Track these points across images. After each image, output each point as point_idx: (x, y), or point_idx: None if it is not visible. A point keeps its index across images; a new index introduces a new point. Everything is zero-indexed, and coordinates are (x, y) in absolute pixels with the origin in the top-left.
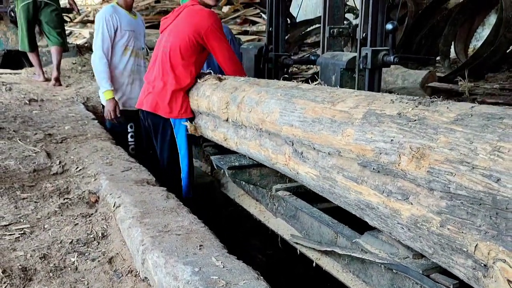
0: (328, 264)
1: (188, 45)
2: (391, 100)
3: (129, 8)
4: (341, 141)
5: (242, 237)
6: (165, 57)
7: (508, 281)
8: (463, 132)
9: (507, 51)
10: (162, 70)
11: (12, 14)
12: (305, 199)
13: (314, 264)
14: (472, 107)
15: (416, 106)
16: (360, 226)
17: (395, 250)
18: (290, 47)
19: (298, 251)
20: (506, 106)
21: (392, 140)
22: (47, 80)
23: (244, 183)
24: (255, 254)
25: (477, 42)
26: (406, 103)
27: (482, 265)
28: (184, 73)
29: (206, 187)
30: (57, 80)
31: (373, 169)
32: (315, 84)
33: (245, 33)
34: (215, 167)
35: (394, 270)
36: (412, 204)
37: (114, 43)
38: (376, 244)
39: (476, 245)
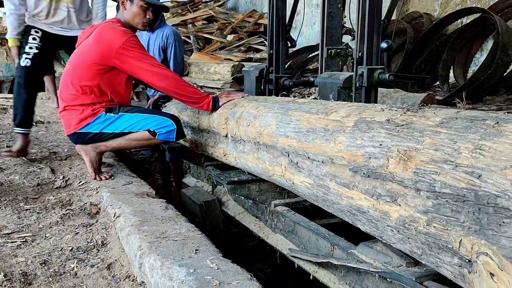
0: (325, 277)
1: (93, 63)
2: (381, 108)
3: None
4: (333, 149)
5: (244, 255)
6: (70, 73)
7: (491, 274)
8: (447, 133)
9: (504, 74)
10: (67, 86)
11: None
12: (303, 215)
13: (311, 277)
14: (458, 111)
15: (405, 113)
16: (356, 238)
17: (389, 259)
18: (293, 73)
19: (296, 264)
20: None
21: (380, 145)
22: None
23: (244, 200)
24: (255, 272)
25: (475, 67)
26: (395, 110)
27: (467, 260)
28: (87, 90)
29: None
30: None
31: (364, 173)
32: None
33: (249, 60)
34: (215, 183)
35: (388, 279)
36: (400, 205)
37: None
38: (370, 254)
39: (461, 241)
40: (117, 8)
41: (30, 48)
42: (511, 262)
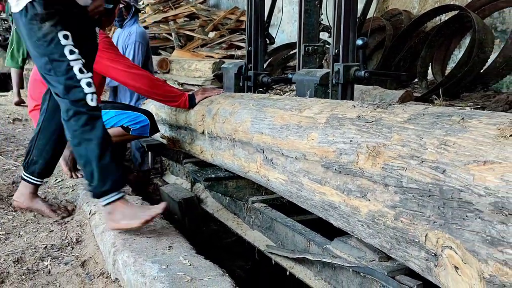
0: (301, 272)
1: None
2: (353, 105)
3: None
4: (306, 145)
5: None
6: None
7: (455, 267)
8: (414, 129)
9: (481, 71)
10: (37, 85)
11: (0, 38)
12: (281, 211)
13: (288, 273)
14: (426, 108)
15: (375, 109)
16: (334, 234)
17: (362, 254)
18: (273, 70)
19: (273, 261)
20: None
21: (351, 141)
22: (22, 102)
23: (222, 197)
24: (234, 269)
25: (454, 63)
26: (366, 107)
27: (433, 254)
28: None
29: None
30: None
31: (335, 169)
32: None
33: (231, 57)
34: (193, 180)
35: (362, 274)
36: (369, 200)
37: None
38: (345, 249)
39: (426, 235)
40: None
41: None
42: (473, 255)
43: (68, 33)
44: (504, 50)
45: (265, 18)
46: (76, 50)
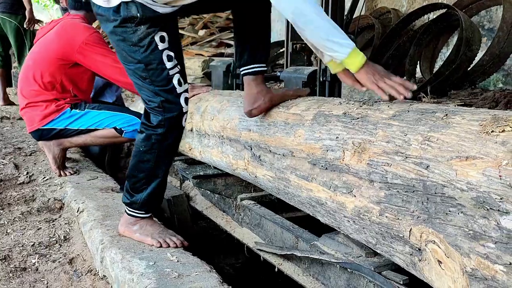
0: (290, 269)
1: (55, 58)
2: (339, 102)
3: None
4: (293, 142)
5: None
6: (31, 69)
7: (439, 261)
8: (399, 126)
9: (468, 69)
10: (28, 83)
11: None
12: (270, 208)
13: (276, 270)
14: (411, 104)
15: (361, 106)
16: (323, 231)
17: (349, 250)
18: None
19: (261, 257)
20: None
21: (337, 137)
22: (9, 103)
23: (211, 194)
24: (223, 266)
25: (442, 61)
26: (352, 104)
27: (417, 249)
28: (49, 86)
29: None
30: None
31: (322, 166)
32: None
33: (221, 55)
34: (182, 178)
35: (349, 270)
36: (355, 196)
37: None
38: (332, 245)
39: (411, 230)
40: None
41: None
42: (456, 250)
43: (164, 34)
44: (490, 49)
45: None
46: (173, 54)
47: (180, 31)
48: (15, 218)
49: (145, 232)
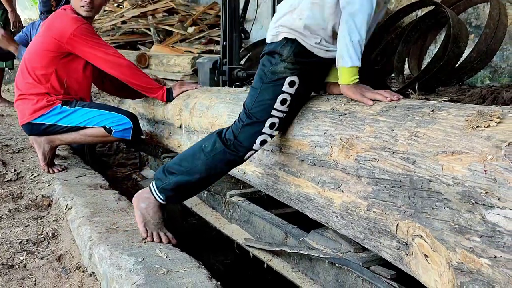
0: (279, 265)
1: (46, 50)
2: (327, 98)
3: None
4: (281, 138)
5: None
6: (26, 62)
7: (425, 256)
8: (386, 122)
9: (456, 66)
10: (23, 75)
11: None
12: (259, 205)
13: (265, 266)
14: (398, 100)
15: (348, 102)
16: (312, 227)
17: (338, 245)
18: (252, 65)
19: (251, 254)
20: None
21: (325, 133)
22: (4, 101)
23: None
24: (213, 263)
25: (430, 58)
26: (340, 100)
27: (404, 243)
28: (43, 79)
29: None
30: None
31: (310, 162)
32: None
33: (210, 52)
34: None
35: (337, 265)
36: (343, 191)
37: None
38: (321, 241)
39: (398, 224)
40: None
41: None
42: (442, 244)
43: (296, 80)
44: (478, 45)
45: (240, 13)
46: (288, 100)
47: (169, 28)
48: (2, 215)
49: (145, 214)
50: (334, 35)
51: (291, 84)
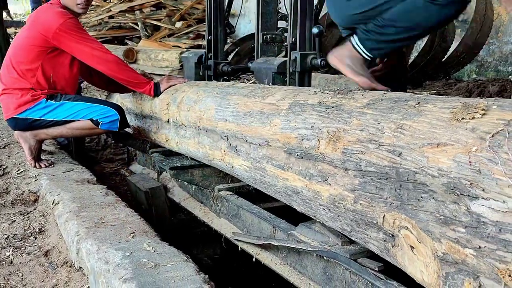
0: (267, 258)
1: (32, 45)
2: (315, 91)
3: None
4: (269, 131)
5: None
6: (11, 56)
7: (411, 247)
8: (372, 114)
9: (443, 60)
10: (8, 69)
11: None
12: (248, 199)
13: (254, 259)
14: (384, 93)
15: (336, 95)
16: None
17: (326, 238)
18: (240, 60)
19: (239, 248)
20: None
21: (312, 126)
22: None
23: (189, 186)
24: (201, 257)
25: (417, 53)
26: (327, 93)
27: (390, 235)
28: (28, 74)
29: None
30: None
31: (297, 155)
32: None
33: (198, 47)
34: (160, 169)
35: (325, 258)
36: (330, 184)
37: None
38: (309, 234)
39: (384, 216)
40: None
41: None
42: (428, 235)
43: None
44: (464, 40)
45: (225, 7)
46: None
47: (157, 23)
48: None
49: (356, 69)
50: None
51: None
